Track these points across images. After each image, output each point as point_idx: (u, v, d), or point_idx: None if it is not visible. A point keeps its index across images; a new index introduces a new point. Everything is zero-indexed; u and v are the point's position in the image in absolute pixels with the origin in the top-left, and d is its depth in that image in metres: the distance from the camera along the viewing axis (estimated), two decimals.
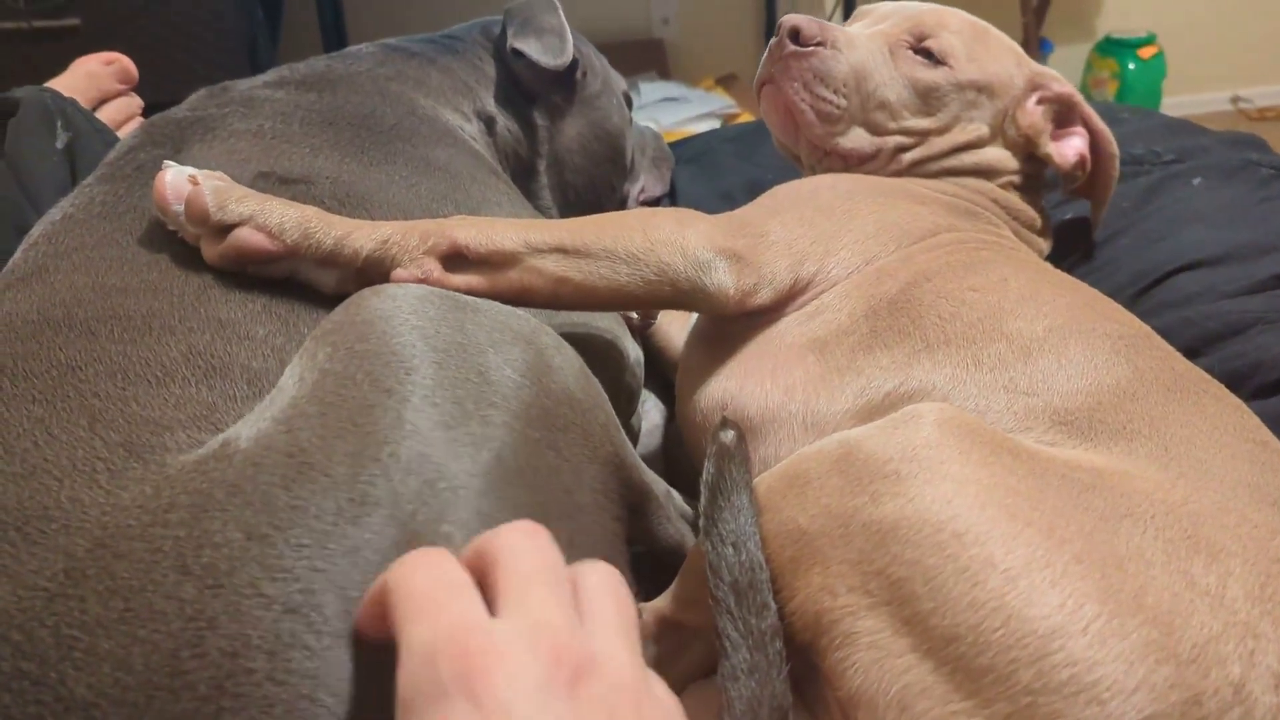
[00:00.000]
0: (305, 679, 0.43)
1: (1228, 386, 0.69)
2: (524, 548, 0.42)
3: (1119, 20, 3.08)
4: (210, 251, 0.65)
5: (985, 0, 2.92)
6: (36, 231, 0.72)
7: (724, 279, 0.73)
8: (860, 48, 0.89)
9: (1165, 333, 0.73)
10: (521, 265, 0.70)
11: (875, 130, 0.89)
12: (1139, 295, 0.91)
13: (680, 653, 0.66)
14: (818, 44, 0.89)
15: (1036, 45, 2.77)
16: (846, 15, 2.64)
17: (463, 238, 0.68)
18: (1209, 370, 0.71)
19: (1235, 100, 3.28)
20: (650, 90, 2.43)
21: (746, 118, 2.28)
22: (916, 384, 0.67)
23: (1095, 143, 0.92)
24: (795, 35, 0.89)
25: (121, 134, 0.99)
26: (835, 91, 0.88)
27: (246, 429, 0.50)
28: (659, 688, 0.43)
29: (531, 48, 1.00)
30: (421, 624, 0.38)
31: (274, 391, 0.53)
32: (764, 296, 0.75)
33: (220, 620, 0.43)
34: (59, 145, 0.90)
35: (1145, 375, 0.65)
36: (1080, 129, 0.92)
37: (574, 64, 1.04)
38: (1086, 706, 0.45)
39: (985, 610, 0.48)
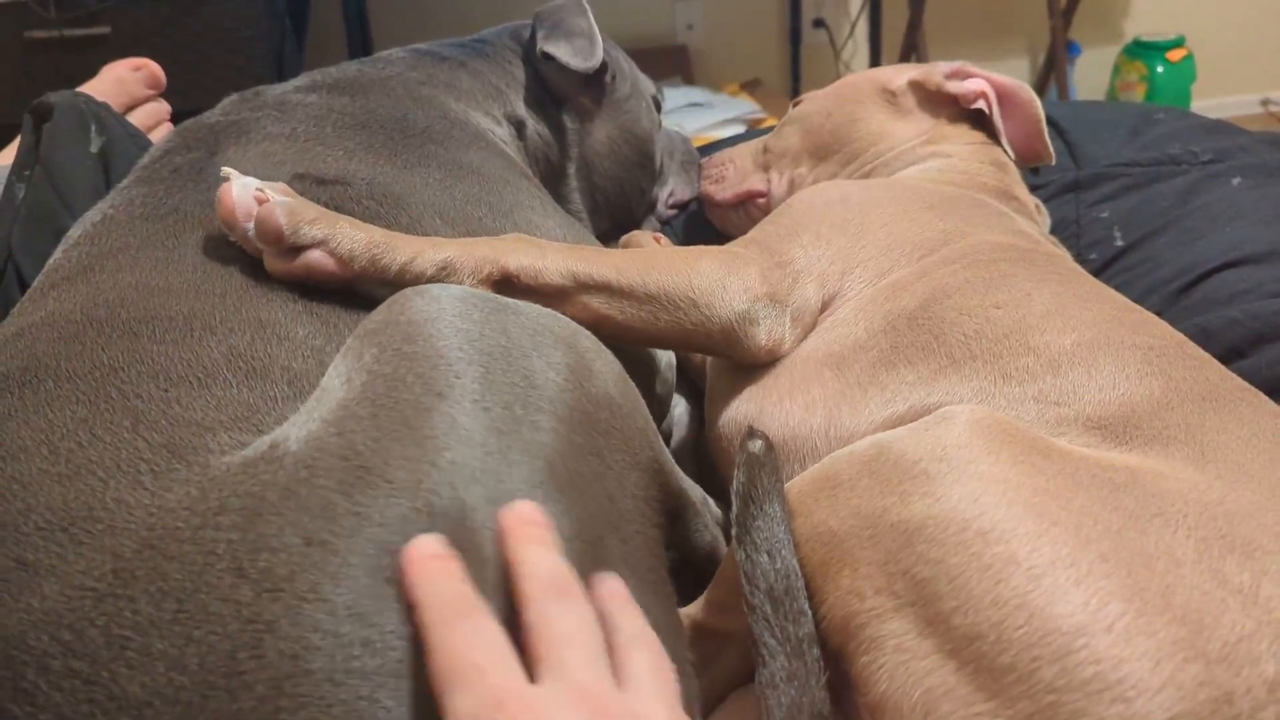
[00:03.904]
0: (366, 680, 0.43)
1: (1275, 390, 0.67)
2: (559, 612, 0.44)
3: (1147, 23, 3.05)
4: (276, 266, 0.66)
5: (1011, 5, 2.92)
6: (76, 232, 0.72)
7: (758, 334, 0.75)
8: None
9: (1211, 332, 0.72)
10: (567, 300, 0.71)
11: (767, 170, 1.07)
12: (1182, 291, 0.90)
13: (714, 659, 0.66)
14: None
15: (1064, 48, 2.75)
16: (873, 18, 2.63)
17: (514, 268, 0.70)
18: (1254, 372, 0.70)
19: (1265, 103, 3.24)
20: (675, 96, 2.42)
21: (771, 123, 2.27)
22: (943, 396, 0.67)
23: (1001, 89, 0.98)
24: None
25: (152, 139, 0.99)
26: (719, 167, 1.14)
27: (295, 430, 0.50)
28: None
29: (561, 51, 1.00)
30: (464, 693, 0.40)
31: (318, 392, 0.53)
32: (789, 346, 0.77)
33: (280, 624, 0.43)
34: (93, 149, 0.90)
35: (1179, 385, 0.64)
36: (977, 77, 0.99)
37: (603, 67, 1.04)
38: (1111, 705, 0.45)
39: (1008, 608, 0.48)
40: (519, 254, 0.71)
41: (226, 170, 0.67)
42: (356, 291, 0.67)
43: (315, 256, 0.65)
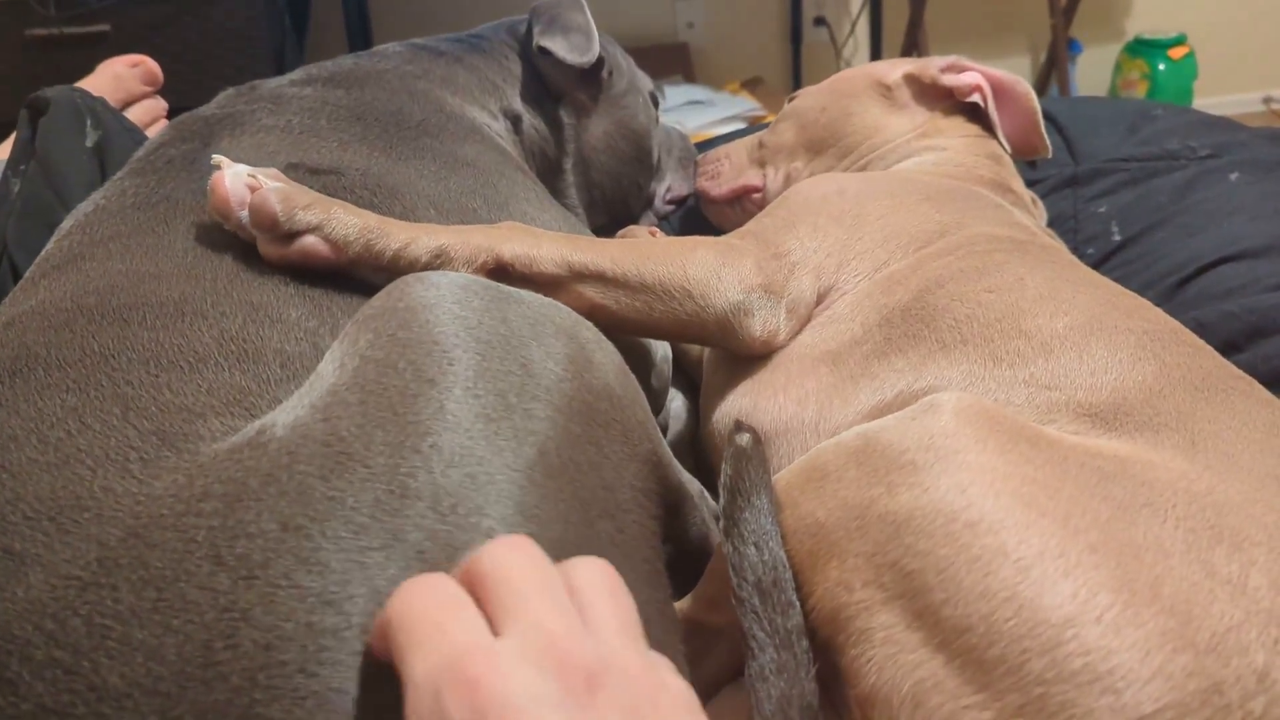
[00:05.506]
0: (338, 671, 0.42)
1: (1271, 384, 0.67)
2: (513, 559, 0.42)
3: (1149, 21, 3.04)
4: (271, 252, 0.66)
5: (1012, 3, 2.92)
6: (69, 223, 0.72)
7: (753, 325, 0.75)
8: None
9: (1207, 326, 0.71)
10: (562, 290, 0.71)
11: (763, 165, 1.08)
12: (1179, 286, 0.90)
13: (706, 654, 0.65)
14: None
15: (1065, 46, 2.74)
16: (874, 15, 2.63)
17: (508, 256, 0.70)
18: (1250, 367, 0.69)
19: (1267, 100, 3.24)
20: (675, 94, 2.42)
21: (772, 120, 2.26)
22: (931, 380, 0.67)
23: (996, 82, 0.97)
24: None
25: (148, 135, 0.99)
26: (715, 163, 1.14)
27: (283, 416, 0.49)
28: (669, 675, 0.42)
29: (558, 45, 0.99)
30: (423, 653, 0.37)
31: (312, 377, 0.52)
32: (784, 337, 0.77)
33: (254, 612, 0.43)
34: (89, 144, 0.90)
35: (1172, 372, 0.63)
36: (972, 70, 0.98)
37: (600, 62, 1.04)
38: (1101, 696, 0.45)
39: (997, 600, 0.47)
40: (514, 242, 0.70)
41: (217, 158, 0.67)
42: (350, 274, 0.67)
43: (310, 242, 0.65)
